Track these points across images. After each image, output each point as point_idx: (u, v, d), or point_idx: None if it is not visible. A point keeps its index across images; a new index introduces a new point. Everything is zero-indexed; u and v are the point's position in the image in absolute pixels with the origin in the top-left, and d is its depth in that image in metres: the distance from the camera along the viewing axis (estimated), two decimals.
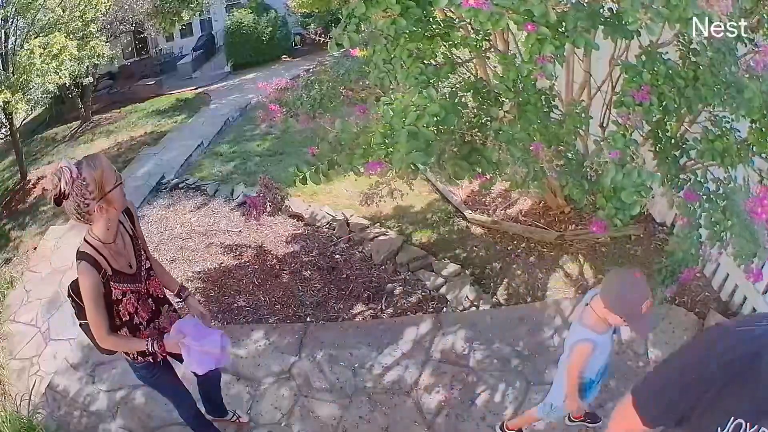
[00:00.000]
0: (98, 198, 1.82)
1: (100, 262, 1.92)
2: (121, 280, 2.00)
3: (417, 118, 2.07)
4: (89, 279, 1.88)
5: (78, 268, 1.90)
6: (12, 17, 8.43)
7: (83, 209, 1.81)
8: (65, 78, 8.13)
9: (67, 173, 1.76)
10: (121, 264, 2.01)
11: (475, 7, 1.67)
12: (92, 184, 1.79)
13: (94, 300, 1.92)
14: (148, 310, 2.17)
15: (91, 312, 1.94)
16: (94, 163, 1.83)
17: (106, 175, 1.84)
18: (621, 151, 1.88)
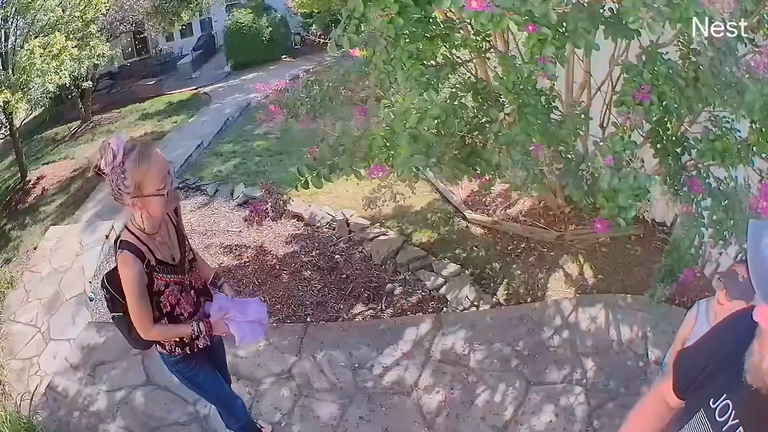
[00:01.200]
0: (133, 195, 1.72)
1: (143, 251, 1.83)
2: (164, 271, 1.91)
3: (418, 121, 2.07)
4: (132, 269, 1.79)
5: (119, 258, 1.81)
6: (12, 17, 8.42)
7: (116, 195, 1.74)
8: (65, 78, 8.12)
9: (109, 154, 1.65)
10: (165, 254, 1.92)
11: (477, 9, 1.67)
12: (130, 179, 1.69)
13: (138, 291, 1.83)
14: (190, 302, 2.08)
15: (133, 303, 1.85)
16: (142, 159, 1.69)
17: (149, 177, 1.71)
18: (616, 157, 1.87)
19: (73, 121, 12.19)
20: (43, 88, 8.05)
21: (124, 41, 15.51)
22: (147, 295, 1.86)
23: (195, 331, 1.99)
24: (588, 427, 2.82)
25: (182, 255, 2.01)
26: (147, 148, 1.74)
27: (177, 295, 1.99)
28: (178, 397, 3.41)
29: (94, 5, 9.02)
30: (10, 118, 8.53)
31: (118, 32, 12.75)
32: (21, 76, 7.68)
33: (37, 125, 12.85)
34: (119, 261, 1.81)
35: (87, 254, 5.31)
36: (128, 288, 1.82)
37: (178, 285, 1.98)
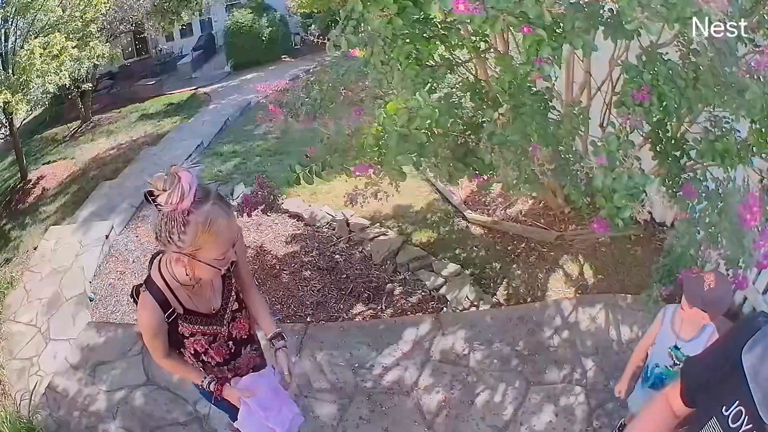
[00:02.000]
0: (183, 252, 1.43)
1: (170, 301, 1.62)
2: (192, 321, 1.69)
3: (408, 121, 2.07)
4: (150, 318, 1.59)
5: (140, 298, 1.60)
6: (12, 17, 8.42)
7: (163, 239, 1.44)
8: (65, 78, 8.12)
9: (177, 193, 1.33)
10: (198, 304, 1.69)
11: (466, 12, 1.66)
12: (189, 238, 1.39)
13: (151, 334, 1.64)
14: (224, 352, 1.85)
15: (146, 339, 1.67)
16: (212, 224, 1.40)
17: (212, 246, 1.44)
18: (609, 156, 1.87)
19: (73, 121, 12.20)
20: (43, 88, 8.04)
21: (124, 41, 15.51)
22: (162, 336, 1.67)
23: (204, 386, 1.79)
24: (588, 427, 2.82)
25: (224, 305, 1.76)
26: (221, 211, 1.44)
27: (204, 345, 1.78)
28: (178, 397, 3.41)
29: (94, 5, 9.02)
30: (10, 118, 8.53)
31: (118, 32, 12.75)
32: (21, 77, 7.68)
33: (37, 125, 12.85)
34: (139, 301, 1.61)
35: (87, 254, 5.32)
36: (143, 330, 1.64)
37: (207, 336, 1.76)
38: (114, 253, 5.40)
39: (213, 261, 1.47)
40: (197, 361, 1.82)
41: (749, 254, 1.92)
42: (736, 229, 1.94)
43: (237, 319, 1.84)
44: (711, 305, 1.82)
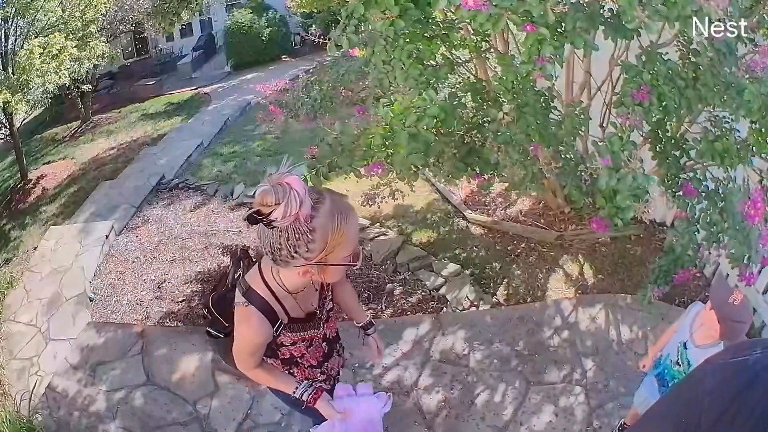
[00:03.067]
0: (315, 260, 1.28)
1: (277, 312, 1.49)
2: (295, 329, 1.58)
3: (417, 120, 2.07)
4: (258, 334, 1.46)
5: (244, 313, 1.45)
6: (12, 17, 8.42)
7: (283, 258, 1.28)
8: (65, 78, 8.12)
9: (294, 202, 1.18)
10: (301, 310, 1.58)
11: (474, 8, 1.67)
12: (320, 242, 1.25)
13: (252, 350, 1.53)
14: (319, 354, 1.76)
15: (243, 354, 1.55)
16: (340, 216, 1.26)
17: (345, 241, 1.29)
18: (614, 157, 1.87)
19: (73, 121, 12.19)
20: (43, 88, 8.04)
21: (124, 41, 15.51)
22: (263, 349, 1.56)
23: (297, 395, 1.66)
24: (588, 427, 2.82)
25: (320, 306, 1.65)
26: (341, 204, 1.29)
27: (302, 351, 1.68)
28: (178, 397, 3.41)
29: (94, 5, 9.01)
30: (10, 118, 8.53)
31: (118, 32, 12.74)
32: (21, 76, 7.68)
33: (37, 125, 12.85)
34: (243, 315, 1.45)
35: (87, 254, 5.32)
36: (243, 345, 1.51)
37: (306, 341, 1.66)
38: (114, 253, 5.40)
39: (344, 260, 1.34)
40: (289, 366, 1.71)
41: (756, 251, 1.92)
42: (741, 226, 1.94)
43: (330, 318, 1.76)
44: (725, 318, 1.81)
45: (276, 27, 14.85)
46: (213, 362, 3.63)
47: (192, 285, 4.57)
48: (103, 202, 6.72)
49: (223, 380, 3.49)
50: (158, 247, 5.30)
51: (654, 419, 1.06)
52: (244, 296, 1.45)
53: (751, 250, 1.92)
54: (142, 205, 6.37)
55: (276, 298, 1.47)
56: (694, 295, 3.49)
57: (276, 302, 1.47)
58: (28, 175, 9.04)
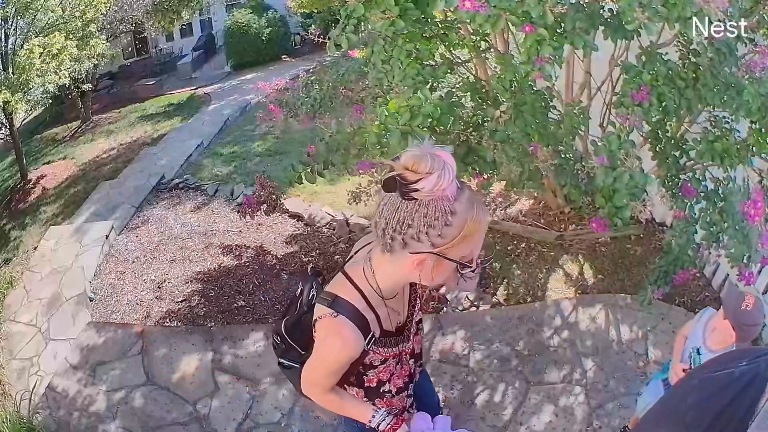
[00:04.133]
0: (436, 249, 1.13)
1: (370, 323, 1.30)
2: (385, 343, 1.38)
3: (411, 119, 2.07)
4: (348, 348, 1.28)
5: (333, 324, 1.26)
6: (12, 17, 8.42)
7: (406, 238, 1.13)
8: (65, 78, 8.12)
9: (448, 174, 1.07)
10: (393, 323, 1.39)
11: (472, 10, 1.66)
12: (456, 228, 1.11)
13: (335, 369, 1.34)
14: (405, 374, 1.54)
15: (320, 373, 1.38)
16: (480, 208, 1.15)
17: (476, 236, 1.16)
18: (611, 154, 1.87)
19: (73, 121, 12.18)
20: (43, 88, 8.04)
21: (124, 41, 15.49)
22: (343, 371, 1.37)
23: (374, 424, 1.45)
24: (588, 427, 2.82)
25: (409, 317, 1.46)
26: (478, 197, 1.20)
27: (391, 371, 1.48)
28: (178, 397, 3.42)
29: (94, 5, 9.00)
30: (10, 118, 8.52)
31: (118, 32, 12.73)
32: (21, 76, 7.67)
33: (37, 125, 12.83)
34: (331, 328, 1.27)
35: (87, 254, 5.32)
36: (325, 361, 1.34)
37: (396, 357, 1.45)
38: (114, 253, 5.40)
39: (469, 261, 1.18)
40: (372, 391, 1.49)
41: (755, 250, 1.92)
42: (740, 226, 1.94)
43: (419, 331, 1.54)
44: (740, 324, 1.81)
45: (276, 27, 14.84)
46: (213, 362, 3.64)
47: (192, 285, 4.57)
48: (103, 202, 6.72)
49: (223, 380, 3.49)
50: (158, 247, 5.30)
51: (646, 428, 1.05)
52: (330, 307, 1.27)
53: (750, 249, 1.92)
54: (142, 205, 6.37)
55: (369, 306, 1.30)
56: (694, 295, 3.49)
57: (369, 310, 1.30)
58: (28, 175, 9.03)
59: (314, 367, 1.38)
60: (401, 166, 1.07)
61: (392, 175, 1.07)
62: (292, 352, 1.53)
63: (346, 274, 1.33)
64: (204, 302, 4.31)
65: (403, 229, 1.11)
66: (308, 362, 1.40)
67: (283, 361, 1.57)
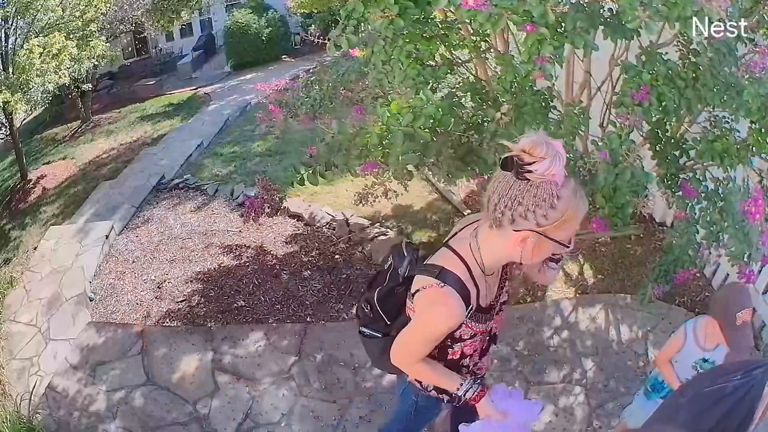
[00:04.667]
0: (539, 228, 1.23)
1: (471, 296, 1.39)
2: (478, 319, 1.48)
3: (413, 119, 2.07)
4: (451, 317, 1.36)
5: (440, 294, 1.35)
6: (12, 17, 8.41)
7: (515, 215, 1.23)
8: (65, 78, 8.11)
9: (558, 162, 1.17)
10: (487, 299, 1.48)
11: (474, 8, 1.66)
12: (559, 211, 1.22)
13: (435, 338, 1.42)
14: (483, 349, 1.67)
15: (416, 343, 1.46)
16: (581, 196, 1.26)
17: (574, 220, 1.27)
18: (612, 152, 1.87)
19: (73, 121, 12.18)
20: (43, 87, 8.03)
21: (124, 41, 15.48)
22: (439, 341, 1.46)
23: (461, 392, 1.54)
24: (588, 427, 2.82)
25: (497, 297, 1.55)
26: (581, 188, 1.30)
27: (476, 346, 1.58)
28: (178, 397, 3.42)
29: (95, 5, 9.00)
30: (10, 118, 8.52)
31: (118, 32, 12.73)
32: (21, 76, 7.67)
33: (37, 125, 12.84)
34: (437, 297, 1.36)
35: (87, 254, 5.32)
36: (426, 330, 1.42)
37: (483, 334, 1.56)
38: (114, 253, 5.40)
39: (560, 247, 1.29)
40: (452, 364, 1.58)
41: (756, 248, 1.92)
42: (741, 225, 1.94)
43: (501, 311, 1.62)
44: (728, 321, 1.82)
45: (276, 27, 14.84)
46: (213, 362, 3.64)
47: (192, 285, 4.57)
48: (103, 202, 6.72)
49: (223, 380, 3.49)
50: (158, 247, 5.30)
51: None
52: (437, 278, 1.36)
53: (751, 248, 1.92)
54: (142, 205, 6.37)
55: (473, 279, 1.39)
56: (694, 295, 3.49)
57: (472, 283, 1.39)
58: (28, 175, 9.03)
59: (412, 335, 1.46)
60: (519, 149, 1.18)
61: (510, 155, 1.19)
62: (379, 322, 1.62)
63: (451, 249, 1.42)
64: (204, 302, 4.31)
65: (514, 206, 1.22)
66: (405, 331, 1.48)
67: (365, 330, 1.67)
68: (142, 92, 13.74)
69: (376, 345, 1.66)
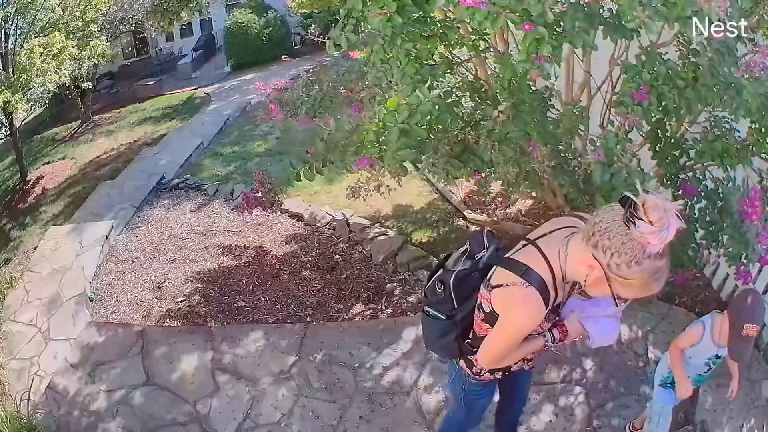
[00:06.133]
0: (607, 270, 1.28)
1: (550, 299, 1.44)
2: (548, 318, 1.56)
3: (409, 117, 2.08)
4: (534, 318, 1.43)
5: (524, 295, 1.40)
6: (12, 17, 8.42)
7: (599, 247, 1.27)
8: (65, 78, 8.12)
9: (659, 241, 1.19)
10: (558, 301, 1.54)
11: (473, 6, 1.67)
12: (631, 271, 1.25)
13: (518, 338, 1.50)
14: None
15: (503, 344, 1.53)
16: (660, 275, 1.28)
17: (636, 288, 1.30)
18: (607, 152, 1.87)
19: (73, 121, 12.18)
20: (43, 87, 8.04)
21: (124, 41, 15.49)
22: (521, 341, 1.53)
23: (548, 341, 1.62)
24: (588, 427, 2.82)
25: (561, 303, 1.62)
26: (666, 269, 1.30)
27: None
28: (178, 397, 3.42)
29: (95, 5, 9.01)
30: (10, 117, 8.52)
31: (118, 32, 12.74)
32: (21, 76, 7.67)
33: (37, 125, 12.85)
34: (521, 296, 1.41)
35: (87, 254, 5.32)
36: (511, 330, 1.48)
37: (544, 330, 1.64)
38: (114, 253, 5.40)
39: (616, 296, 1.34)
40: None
41: (753, 249, 1.92)
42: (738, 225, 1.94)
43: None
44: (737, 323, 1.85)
45: (276, 27, 14.84)
46: (213, 362, 3.64)
47: (192, 285, 4.57)
48: (103, 202, 6.72)
49: (223, 380, 3.49)
50: (158, 247, 5.30)
51: None
52: (522, 276, 1.40)
53: (748, 248, 1.92)
54: (142, 205, 6.37)
55: (554, 283, 1.43)
56: (694, 295, 3.48)
57: (553, 288, 1.43)
58: (28, 175, 9.04)
59: (497, 339, 1.52)
60: (642, 200, 1.20)
61: (633, 200, 1.21)
62: (446, 304, 1.66)
63: (539, 249, 1.44)
64: (204, 302, 4.31)
65: (604, 237, 1.27)
66: (490, 336, 1.54)
67: (429, 310, 1.71)
68: (142, 92, 13.75)
69: (437, 327, 1.70)
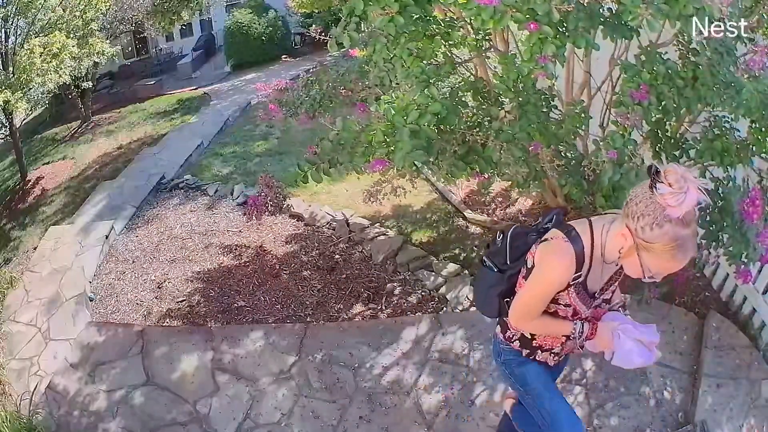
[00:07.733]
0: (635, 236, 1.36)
1: (584, 268, 1.53)
2: (578, 291, 1.61)
3: (419, 117, 2.08)
4: (564, 271, 1.51)
5: (561, 247, 1.50)
6: (12, 17, 8.41)
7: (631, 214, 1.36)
8: (65, 77, 8.11)
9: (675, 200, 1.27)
10: (590, 283, 1.61)
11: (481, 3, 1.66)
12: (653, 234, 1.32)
13: (547, 292, 1.58)
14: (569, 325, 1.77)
15: (531, 298, 1.62)
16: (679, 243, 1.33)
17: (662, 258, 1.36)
18: (619, 151, 1.87)
19: (73, 121, 12.17)
20: (44, 87, 8.03)
21: (124, 41, 15.49)
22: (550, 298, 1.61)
23: (577, 331, 1.69)
24: (588, 427, 2.82)
25: (601, 291, 1.69)
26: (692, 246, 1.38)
27: (569, 318, 1.71)
28: (178, 397, 3.41)
29: (95, 5, 9.00)
30: (10, 117, 8.52)
31: (118, 32, 12.73)
32: (21, 76, 7.66)
33: (37, 125, 12.84)
34: (557, 248, 1.51)
35: (87, 254, 5.32)
36: (542, 282, 1.57)
37: (575, 314, 1.70)
38: (114, 253, 5.40)
39: (646, 269, 1.41)
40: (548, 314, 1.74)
41: (753, 248, 1.92)
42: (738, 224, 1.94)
43: (600, 307, 1.74)
44: None
45: (276, 27, 14.84)
46: (213, 362, 3.64)
47: (192, 285, 4.57)
48: (103, 202, 6.71)
49: (223, 380, 3.49)
50: (158, 247, 5.30)
51: None
52: (566, 234, 1.51)
53: (748, 248, 1.92)
54: (142, 205, 6.36)
55: (591, 256, 1.52)
56: (694, 295, 3.49)
57: (589, 258, 1.52)
58: (28, 175, 9.03)
59: (527, 289, 1.63)
60: (666, 168, 1.30)
61: (658, 168, 1.31)
62: (500, 256, 1.76)
63: (589, 222, 1.55)
64: (204, 302, 4.31)
65: (632, 204, 1.36)
66: (522, 292, 1.64)
67: (486, 260, 1.82)
68: (142, 92, 13.74)
69: (488, 278, 1.80)
